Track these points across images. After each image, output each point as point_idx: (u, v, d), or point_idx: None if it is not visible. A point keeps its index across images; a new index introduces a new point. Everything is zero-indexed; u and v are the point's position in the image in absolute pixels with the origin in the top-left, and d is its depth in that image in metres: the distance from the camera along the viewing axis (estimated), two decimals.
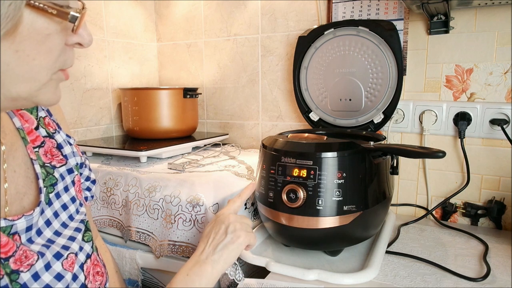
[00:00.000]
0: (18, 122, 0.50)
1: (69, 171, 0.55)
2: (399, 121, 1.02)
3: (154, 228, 0.84)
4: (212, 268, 0.59)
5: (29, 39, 0.35)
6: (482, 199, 0.96)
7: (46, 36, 0.36)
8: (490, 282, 0.67)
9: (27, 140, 0.50)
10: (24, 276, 0.41)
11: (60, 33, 0.38)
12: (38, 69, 0.37)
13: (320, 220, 0.68)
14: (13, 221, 0.42)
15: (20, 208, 0.46)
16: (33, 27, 0.35)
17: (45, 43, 0.37)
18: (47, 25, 0.36)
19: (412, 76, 1.00)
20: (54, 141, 0.54)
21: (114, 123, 1.32)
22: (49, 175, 0.51)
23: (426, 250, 0.80)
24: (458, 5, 0.87)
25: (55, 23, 0.37)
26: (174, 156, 1.09)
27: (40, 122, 0.54)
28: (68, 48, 0.41)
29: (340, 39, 0.99)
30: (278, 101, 1.21)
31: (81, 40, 0.41)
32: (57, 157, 0.54)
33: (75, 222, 0.53)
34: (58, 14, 0.35)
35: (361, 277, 0.67)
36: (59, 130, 0.56)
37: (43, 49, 0.37)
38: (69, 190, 0.54)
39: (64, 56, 0.40)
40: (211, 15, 1.29)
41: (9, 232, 0.42)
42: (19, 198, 0.47)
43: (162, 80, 1.46)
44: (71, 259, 0.48)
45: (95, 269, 0.53)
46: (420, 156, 0.68)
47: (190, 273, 0.57)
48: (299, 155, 0.69)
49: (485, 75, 0.92)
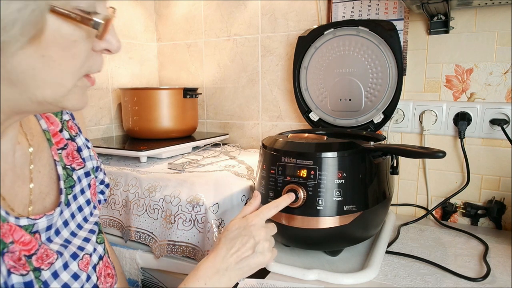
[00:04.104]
0: (45, 124, 0.53)
1: (86, 174, 0.56)
2: (399, 121, 1.02)
3: (154, 228, 0.84)
4: (230, 280, 0.57)
5: (55, 45, 0.36)
6: (482, 199, 0.96)
7: (72, 42, 0.37)
8: (490, 282, 0.67)
9: (52, 142, 0.52)
10: (45, 274, 0.43)
11: (86, 39, 0.38)
12: (63, 74, 0.38)
13: (320, 220, 0.68)
14: (35, 220, 0.44)
15: (42, 207, 0.48)
16: (59, 33, 0.36)
17: (71, 49, 0.37)
18: (72, 31, 0.36)
19: (412, 76, 1.00)
20: (75, 144, 0.56)
21: (114, 123, 1.32)
22: (69, 177, 0.53)
23: (426, 250, 0.80)
24: (458, 5, 0.87)
25: (81, 29, 0.37)
26: (174, 156, 1.09)
27: (64, 125, 0.56)
28: (95, 53, 0.41)
29: (340, 39, 0.99)
30: (278, 101, 1.21)
31: (108, 46, 0.41)
32: (77, 159, 0.56)
33: (89, 224, 0.54)
34: (82, 20, 0.36)
35: (361, 277, 0.67)
36: (79, 133, 0.58)
37: (69, 54, 0.37)
38: (85, 192, 0.55)
39: (90, 62, 0.40)
40: (211, 15, 1.29)
41: (31, 231, 0.43)
42: (42, 198, 0.48)
43: (162, 80, 1.46)
44: (86, 260, 0.50)
45: (106, 270, 0.54)
46: (420, 156, 0.68)
47: (209, 282, 0.55)
48: (299, 155, 0.69)
49: (485, 75, 0.92)
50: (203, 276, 0.55)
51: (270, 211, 0.62)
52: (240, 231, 0.59)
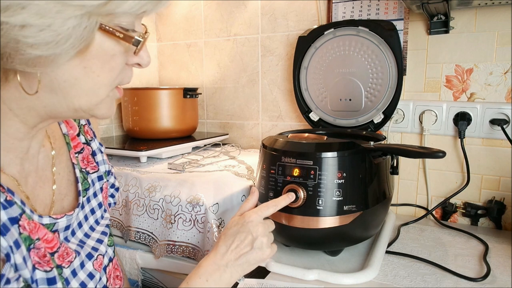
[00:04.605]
0: (65, 128, 0.55)
1: (99, 177, 0.58)
2: (399, 121, 1.02)
3: (154, 228, 0.84)
4: (231, 277, 0.58)
5: (97, 58, 0.39)
6: (482, 199, 0.96)
7: (111, 56, 0.40)
8: (490, 282, 0.67)
9: (71, 145, 0.55)
10: (66, 272, 0.45)
11: (123, 54, 0.41)
12: (100, 85, 0.41)
13: (320, 220, 0.68)
14: (56, 219, 0.46)
15: (61, 208, 0.50)
16: (102, 48, 0.39)
17: (110, 62, 0.40)
18: (113, 47, 0.40)
19: (412, 76, 1.00)
20: (90, 148, 0.58)
21: (114, 123, 1.32)
22: (85, 180, 0.55)
23: (426, 250, 0.80)
24: (458, 5, 0.87)
25: (120, 45, 0.40)
26: (174, 156, 1.09)
27: (81, 129, 0.58)
28: (127, 67, 0.44)
29: (340, 39, 0.99)
30: (278, 101, 1.21)
31: (140, 61, 0.44)
32: (91, 163, 0.58)
33: (101, 226, 0.56)
34: (124, 37, 0.39)
35: (361, 277, 0.67)
36: (94, 138, 0.60)
37: (107, 67, 0.40)
38: (97, 195, 0.57)
39: (123, 75, 0.43)
40: (211, 15, 1.29)
41: (52, 229, 0.45)
42: (61, 199, 0.51)
43: (162, 80, 1.46)
44: (100, 261, 0.52)
45: (115, 272, 0.56)
46: (420, 156, 0.68)
47: (210, 279, 0.56)
48: (299, 155, 0.69)
49: (485, 75, 0.92)
50: (205, 273, 0.56)
51: (269, 209, 0.63)
52: (238, 228, 0.60)
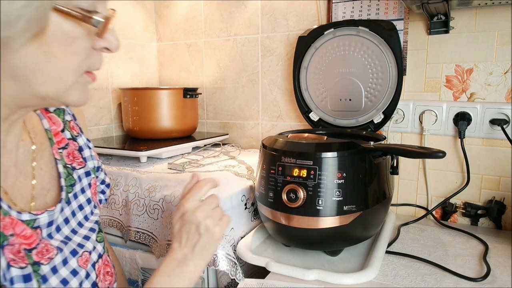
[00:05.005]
0: (47, 123, 0.54)
1: (87, 173, 0.58)
2: (399, 121, 1.02)
3: (154, 228, 0.84)
4: (195, 269, 0.58)
5: (57, 41, 0.37)
6: (482, 199, 0.96)
7: (73, 39, 0.39)
8: (490, 282, 0.67)
9: (53, 141, 0.54)
10: (44, 268, 0.44)
11: (86, 36, 0.40)
12: (65, 70, 0.40)
13: (320, 220, 0.68)
14: (37, 215, 0.45)
15: (43, 203, 0.49)
16: (60, 30, 0.37)
17: (72, 46, 0.39)
18: (73, 29, 0.38)
19: (412, 76, 1.00)
20: (76, 144, 0.58)
21: (114, 123, 1.32)
22: (69, 176, 0.54)
23: (426, 250, 0.80)
24: (458, 5, 0.87)
25: (82, 27, 0.39)
26: (174, 156, 1.09)
27: (66, 125, 0.57)
28: (95, 52, 0.43)
29: (340, 39, 0.99)
30: (278, 101, 1.21)
31: (108, 45, 0.43)
32: (78, 159, 0.57)
33: (90, 223, 0.55)
34: (83, 18, 0.38)
35: (361, 277, 0.67)
36: (81, 133, 0.59)
37: (69, 51, 0.39)
38: (86, 191, 0.56)
39: (90, 59, 0.42)
40: (211, 15, 1.29)
41: (32, 226, 0.44)
42: (43, 194, 0.50)
43: (162, 80, 1.46)
44: (85, 257, 0.51)
45: (106, 269, 0.55)
46: (420, 156, 0.68)
47: (172, 274, 0.56)
48: (299, 155, 0.69)
49: (485, 75, 0.92)
50: (165, 270, 0.57)
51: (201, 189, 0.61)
52: (180, 222, 0.60)
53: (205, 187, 0.62)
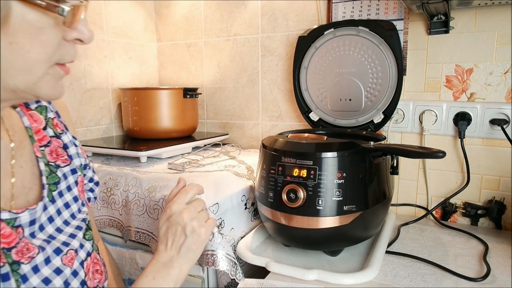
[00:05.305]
0: (27, 121, 0.52)
1: (73, 171, 0.56)
2: (399, 121, 1.02)
3: (154, 228, 0.84)
4: (180, 271, 0.58)
5: (22, 32, 0.36)
6: (482, 199, 0.96)
7: (39, 29, 0.37)
8: (490, 282, 0.67)
9: (34, 138, 0.52)
10: (24, 268, 0.43)
11: (54, 27, 0.38)
12: (33, 61, 0.38)
13: (320, 220, 0.68)
14: (17, 214, 0.44)
15: (25, 202, 0.48)
16: (25, 20, 0.36)
17: (39, 36, 0.37)
18: (39, 18, 0.37)
19: (412, 76, 1.00)
20: (60, 141, 0.56)
21: (114, 123, 1.32)
22: (52, 174, 0.53)
23: (426, 250, 0.80)
24: (458, 5, 0.87)
25: (48, 17, 0.37)
26: (174, 156, 1.09)
27: (49, 122, 0.56)
28: (67, 43, 0.41)
29: (340, 39, 0.99)
30: (278, 101, 1.21)
31: (80, 36, 0.41)
32: (62, 156, 0.55)
33: (77, 221, 0.54)
34: (47, 7, 0.36)
35: (361, 277, 0.67)
36: (66, 131, 0.58)
37: (36, 42, 0.37)
38: (72, 189, 0.55)
39: (62, 51, 0.41)
40: (211, 15, 1.29)
41: (13, 225, 0.43)
42: (25, 192, 0.48)
43: (162, 80, 1.46)
44: (71, 255, 0.50)
45: (95, 267, 0.54)
46: (420, 156, 0.68)
47: (157, 276, 0.56)
48: (299, 155, 0.69)
49: (485, 75, 0.92)
50: (151, 272, 0.57)
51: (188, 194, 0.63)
52: (166, 224, 0.61)
53: (192, 191, 0.63)
